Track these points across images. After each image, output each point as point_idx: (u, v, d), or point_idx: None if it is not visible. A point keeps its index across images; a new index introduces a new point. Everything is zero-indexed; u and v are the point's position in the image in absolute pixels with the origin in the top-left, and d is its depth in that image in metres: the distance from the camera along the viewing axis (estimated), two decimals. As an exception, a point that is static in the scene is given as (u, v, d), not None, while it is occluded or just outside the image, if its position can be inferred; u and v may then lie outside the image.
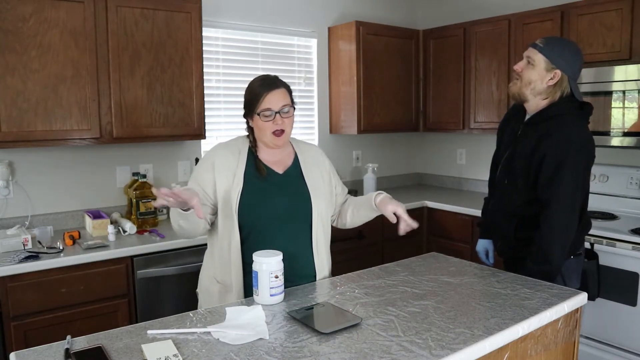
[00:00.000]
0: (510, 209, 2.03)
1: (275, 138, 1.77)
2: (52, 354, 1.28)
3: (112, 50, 2.59)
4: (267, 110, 1.74)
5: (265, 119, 1.75)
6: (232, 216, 1.75)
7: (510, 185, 2.04)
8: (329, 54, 3.86)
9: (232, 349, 1.31)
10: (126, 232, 2.63)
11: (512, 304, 1.59)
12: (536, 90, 1.93)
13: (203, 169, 1.81)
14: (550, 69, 1.89)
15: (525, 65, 1.95)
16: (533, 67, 1.92)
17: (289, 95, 1.81)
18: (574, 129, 1.87)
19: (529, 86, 1.93)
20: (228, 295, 1.79)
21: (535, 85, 1.92)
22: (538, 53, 1.91)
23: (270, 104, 1.74)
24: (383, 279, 1.86)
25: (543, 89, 1.92)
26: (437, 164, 4.42)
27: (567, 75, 1.89)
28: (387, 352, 1.28)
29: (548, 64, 1.89)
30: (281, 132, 1.77)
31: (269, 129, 1.76)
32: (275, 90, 1.77)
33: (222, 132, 3.36)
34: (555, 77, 1.89)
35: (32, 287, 2.20)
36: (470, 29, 3.63)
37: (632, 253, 2.56)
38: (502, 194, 2.09)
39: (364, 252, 3.36)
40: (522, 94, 1.96)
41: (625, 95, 2.75)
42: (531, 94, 1.94)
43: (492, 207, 2.19)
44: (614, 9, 2.82)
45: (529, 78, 1.93)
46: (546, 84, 1.91)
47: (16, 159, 2.69)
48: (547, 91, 1.92)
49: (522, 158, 1.96)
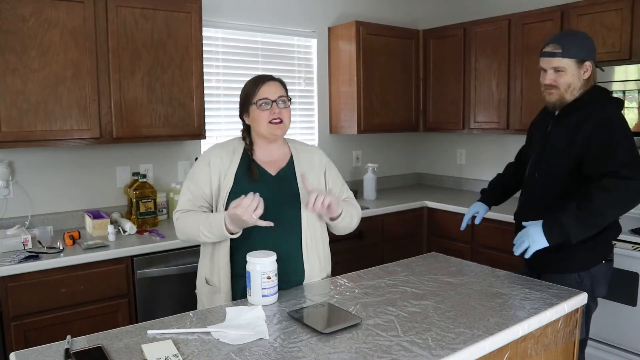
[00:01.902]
0: (542, 204, 2.02)
1: (273, 127, 1.76)
2: (52, 354, 1.28)
3: (112, 50, 2.59)
4: (264, 99, 1.75)
5: (262, 109, 1.75)
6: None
7: (542, 179, 2.04)
8: (329, 54, 3.86)
9: (232, 349, 1.31)
10: (126, 232, 2.63)
11: (512, 304, 1.59)
12: (576, 87, 1.96)
13: (199, 169, 1.82)
14: (580, 65, 1.94)
15: (556, 75, 1.97)
16: (565, 72, 1.94)
17: (284, 90, 1.81)
18: (611, 110, 1.90)
19: (569, 89, 1.96)
20: (216, 296, 1.79)
21: (574, 85, 1.96)
22: (562, 59, 1.93)
23: (267, 94, 1.76)
24: (383, 279, 1.86)
25: (581, 84, 1.97)
26: (437, 164, 4.42)
27: (593, 59, 1.96)
28: (387, 352, 1.28)
29: (576, 62, 1.93)
30: (280, 122, 1.77)
31: (265, 118, 1.76)
32: (271, 82, 1.79)
33: (222, 132, 3.36)
34: (588, 68, 1.94)
35: (32, 287, 2.20)
36: (470, 29, 3.63)
37: (632, 253, 2.56)
38: (533, 190, 2.09)
39: (364, 252, 3.36)
40: (563, 100, 1.98)
41: (626, 95, 2.75)
42: (571, 94, 1.97)
43: (520, 206, 2.17)
44: (614, 9, 2.82)
45: (566, 83, 1.95)
46: (583, 79, 1.96)
47: (16, 159, 2.69)
48: (585, 84, 1.97)
49: (558, 149, 1.98)
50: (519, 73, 3.33)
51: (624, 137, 1.85)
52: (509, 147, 3.67)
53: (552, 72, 1.96)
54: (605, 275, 2.01)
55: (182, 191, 1.84)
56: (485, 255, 3.24)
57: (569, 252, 1.94)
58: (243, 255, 1.67)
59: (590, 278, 1.96)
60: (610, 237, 2.00)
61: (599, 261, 1.97)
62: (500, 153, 3.82)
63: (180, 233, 1.81)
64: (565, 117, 1.99)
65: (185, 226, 1.77)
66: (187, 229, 1.77)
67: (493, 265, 2.12)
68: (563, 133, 1.97)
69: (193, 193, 1.81)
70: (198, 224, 1.72)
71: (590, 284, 1.95)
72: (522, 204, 2.16)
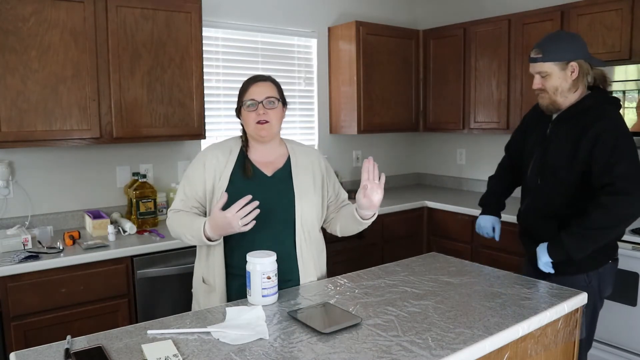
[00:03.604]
0: (549, 208, 2.02)
1: (258, 127, 1.76)
2: (52, 354, 1.28)
3: (112, 50, 2.59)
4: (250, 100, 1.75)
5: (248, 109, 1.76)
6: None
7: (545, 185, 2.03)
8: (329, 54, 3.86)
9: (232, 349, 1.31)
10: (126, 232, 2.63)
11: (512, 304, 1.59)
12: (565, 90, 1.94)
13: (194, 169, 1.82)
14: (564, 66, 1.92)
15: (542, 79, 1.96)
16: (550, 76, 1.93)
17: (276, 90, 1.81)
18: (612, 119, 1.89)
19: (557, 92, 1.94)
20: (212, 295, 1.79)
21: (562, 87, 1.93)
22: (544, 64, 1.93)
23: (254, 95, 1.76)
24: (383, 279, 1.86)
25: (570, 85, 1.94)
26: (437, 164, 4.42)
27: (581, 59, 1.92)
28: (387, 352, 1.28)
29: (560, 64, 1.91)
30: (264, 122, 1.76)
31: (252, 119, 1.76)
32: (260, 82, 1.79)
33: (222, 132, 3.36)
34: (574, 68, 1.91)
35: (32, 287, 2.20)
36: (470, 29, 3.63)
37: (632, 253, 2.56)
38: (537, 195, 2.07)
39: (364, 252, 3.36)
40: (554, 103, 1.97)
41: (626, 95, 2.76)
42: (561, 96, 1.95)
43: (525, 210, 2.15)
44: (614, 9, 2.82)
45: (553, 86, 1.94)
46: (571, 80, 1.93)
47: (16, 159, 2.69)
48: (575, 84, 1.94)
49: (561, 155, 1.96)
50: (519, 73, 3.33)
51: (626, 148, 1.83)
52: (509, 147, 3.67)
53: (539, 77, 1.96)
54: (611, 275, 2.02)
55: (178, 190, 1.86)
56: (485, 255, 3.24)
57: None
58: (238, 255, 1.67)
59: (598, 278, 1.96)
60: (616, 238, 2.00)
61: (606, 261, 1.98)
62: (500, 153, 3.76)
63: (171, 232, 1.82)
64: (567, 120, 1.96)
65: (173, 228, 1.79)
66: (175, 230, 1.78)
67: (493, 265, 2.12)
68: (564, 142, 1.95)
69: (186, 194, 1.82)
70: (183, 227, 1.73)
71: (598, 284, 1.96)
72: (527, 206, 2.13)
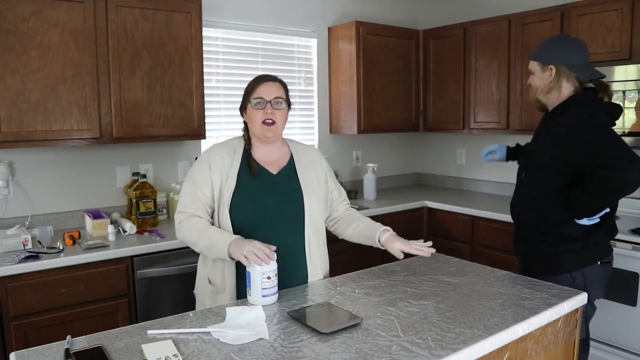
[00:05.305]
0: (528, 199, 2.10)
1: (264, 128, 1.76)
2: (52, 354, 1.28)
3: (112, 50, 2.59)
4: (258, 99, 1.75)
5: (256, 108, 1.76)
6: (225, 215, 1.74)
7: (527, 179, 2.12)
8: (329, 54, 3.86)
9: (232, 349, 1.31)
10: (126, 232, 2.63)
11: (512, 304, 1.59)
12: (544, 90, 2.05)
13: (200, 170, 1.80)
14: (544, 68, 2.03)
15: (530, 76, 2.10)
16: (534, 74, 2.08)
17: (283, 91, 1.81)
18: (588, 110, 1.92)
19: (537, 91, 2.08)
20: (220, 296, 1.78)
21: (540, 88, 2.06)
22: (532, 61, 2.08)
23: (262, 93, 1.76)
24: (383, 279, 1.86)
25: (547, 86, 2.03)
26: (437, 164, 4.42)
27: (561, 64, 1.98)
28: (387, 352, 1.28)
29: (541, 65, 2.04)
30: (272, 123, 1.76)
31: (259, 118, 1.76)
32: (270, 82, 1.79)
33: (222, 132, 3.36)
34: (551, 71, 2.01)
35: (32, 287, 2.20)
36: (470, 29, 3.63)
37: (632, 253, 2.56)
38: (520, 187, 2.18)
39: (364, 252, 3.34)
40: (537, 100, 2.11)
41: (626, 95, 2.75)
42: (541, 95, 2.07)
43: (511, 202, 2.24)
44: (614, 9, 2.82)
45: (534, 85, 2.09)
46: (548, 82, 2.02)
47: (16, 159, 2.69)
48: (551, 86, 2.02)
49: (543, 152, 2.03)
50: (519, 73, 3.33)
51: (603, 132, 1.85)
52: (509, 147, 3.67)
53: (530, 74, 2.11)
54: (600, 278, 2.00)
55: (182, 192, 1.83)
56: (485, 255, 3.24)
57: (557, 252, 1.98)
58: None
59: (583, 279, 1.95)
60: (604, 238, 2.00)
61: (592, 262, 1.97)
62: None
63: (180, 236, 1.81)
64: (553, 118, 2.04)
65: (184, 236, 1.78)
66: (186, 237, 1.77)
67: (493, 265, 2.12)
68: (547, 140, 2.03)
69: (193, 195, 1.79)
70: (198, 239, 1.72)
71: (584, 285, 1.94)
72: (512, 199, 2.24)
